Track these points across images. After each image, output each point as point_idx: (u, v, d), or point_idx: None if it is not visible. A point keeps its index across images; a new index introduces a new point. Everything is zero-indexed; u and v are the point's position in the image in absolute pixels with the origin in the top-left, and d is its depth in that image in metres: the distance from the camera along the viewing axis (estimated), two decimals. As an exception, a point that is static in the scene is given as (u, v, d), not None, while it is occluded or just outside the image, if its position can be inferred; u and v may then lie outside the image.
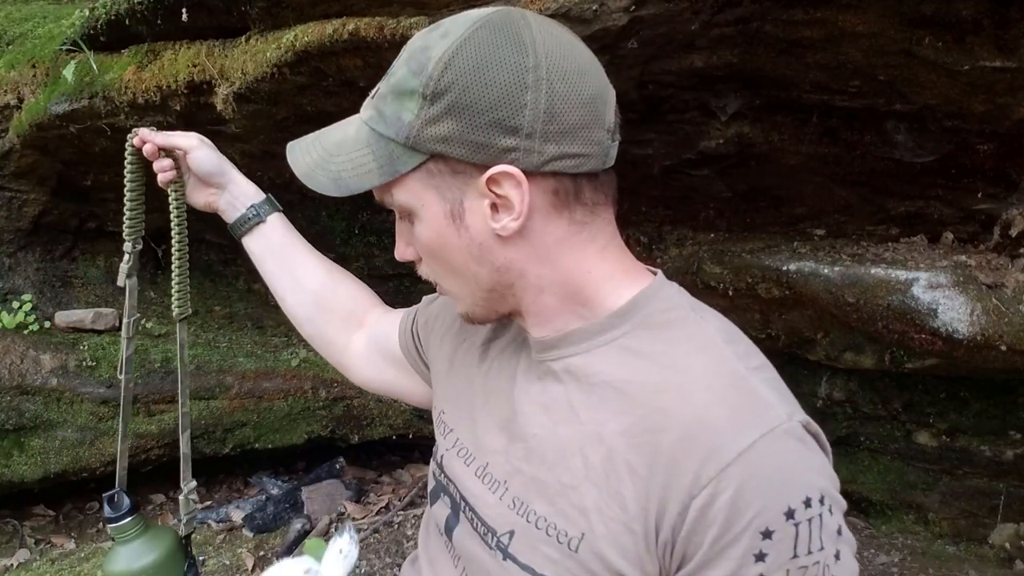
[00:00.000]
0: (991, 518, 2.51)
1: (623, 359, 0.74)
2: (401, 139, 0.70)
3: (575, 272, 0.76)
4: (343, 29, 1.51)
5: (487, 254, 0.74)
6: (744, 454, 0.64)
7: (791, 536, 0.63)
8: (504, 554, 0.76)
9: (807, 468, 0.66)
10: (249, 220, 1.17)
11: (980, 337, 1.72)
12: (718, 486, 0.64)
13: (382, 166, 0.72)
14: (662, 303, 0.76)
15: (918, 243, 1.92)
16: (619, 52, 1.44)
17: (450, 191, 0.72)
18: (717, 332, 0.74)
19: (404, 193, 0.74)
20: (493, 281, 0.76)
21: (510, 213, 0.71)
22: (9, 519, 2.70)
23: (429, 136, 0.69)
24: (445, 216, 0.73)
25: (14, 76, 2.47)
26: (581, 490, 0.72)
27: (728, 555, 0.64)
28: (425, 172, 0.71)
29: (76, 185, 2.75)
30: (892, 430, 2.53)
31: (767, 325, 2.22)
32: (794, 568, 0.63)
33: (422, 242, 0.77)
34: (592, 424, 0.73)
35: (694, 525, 0.65)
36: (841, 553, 0.65)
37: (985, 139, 1.61)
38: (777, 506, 0.63)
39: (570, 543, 0.71)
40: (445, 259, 0.76)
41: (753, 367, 0.72)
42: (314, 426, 2.80)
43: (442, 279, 0.80)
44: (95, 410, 2.59)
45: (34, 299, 2.79)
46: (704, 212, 2.11)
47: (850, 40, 1.39)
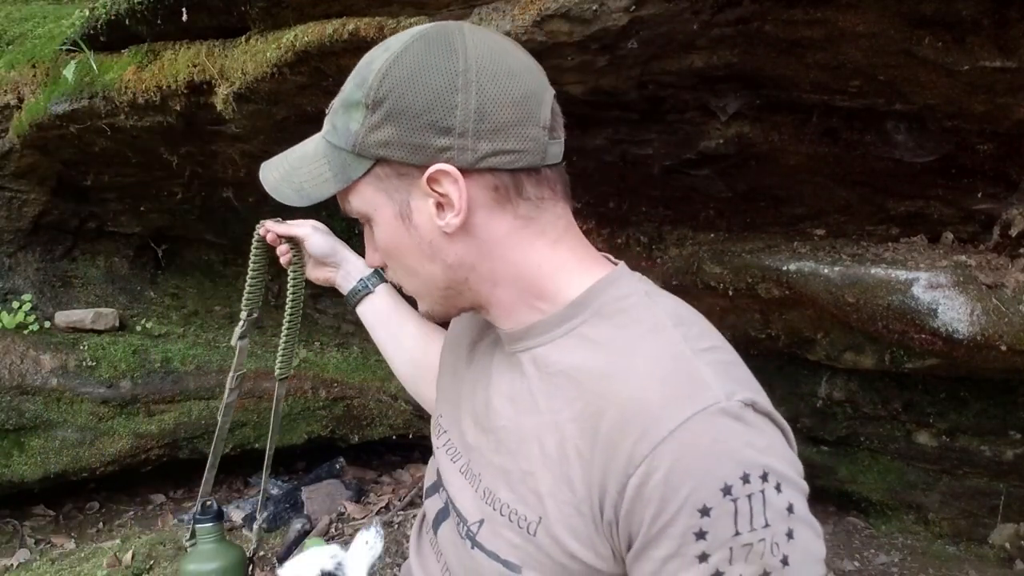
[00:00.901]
0: (991, 518, 2.51)
1: (579, 348, 0.76)
2: (349, 147, 0.76)
3: (525, 265, 0.79)
4: (343, 29, 1.51)
5: (438, 252, 0.78)
6: (675, 432, 0.65)
7: (730, 512, 0.63)
8: (472, 542, 0.80)
9: (744, 445, 0.65)
10: (359, 292, 1.27)
11: (980, 337, 1.72)
12: (651, 464, 0.65)
13: (336, 175, 0.78)
14: (617, 291, 0.78)
15: (918, 243, 1.92)
16: (619, 52, 1.44)
17: (397, 193, 0.77)
18: (667, 315, 0.76)
19: (358, 199, 0.79)
20: (447, 278, 0.80)
21: (452, 210, 0.75)
22: (9, 519, 2.70)
23: (372, 142, 0.74)
24: (395, 217, 0.78)
25: (14, 76, 2.48)
26: (537, 476, 0.74)
27: (668, 533, 0.64)
28: (374, 177, 0.77)
29: (76, 185, 2.75)
30: (892, 430, 2.53)
31: (767, 325, 2.22)
32: (737, 546, 0.63)
33: (381, 245, 0.82)
34: (549, 413, 0.75)
35: (632, 504, 0.66)
36: (795, 532, 0.64)
37: (985, 139, 1.61)
38: (712, 482, 0.63)
39: (529, 527, 0.74)
40: (402, 259, 0.81)
41: (701, 348, 0.72)
42: (314, 426, 2.80)
43: (403, 280, 0.85)
44: (95, 410, 2.59)
45: (34, 299, 2.79)
46: (704, 212, 2.11)
47: (850, 40, 1.38)
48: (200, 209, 2.86)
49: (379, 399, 2.82)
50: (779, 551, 0.63)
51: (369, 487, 2.98)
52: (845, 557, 2.56)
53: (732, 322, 2.27)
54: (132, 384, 2.62)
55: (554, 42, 1.41)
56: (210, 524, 1.18)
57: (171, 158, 2.42)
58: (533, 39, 1.40)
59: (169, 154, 2.40)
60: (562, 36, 1.39)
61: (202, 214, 2.89)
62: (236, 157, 2.34)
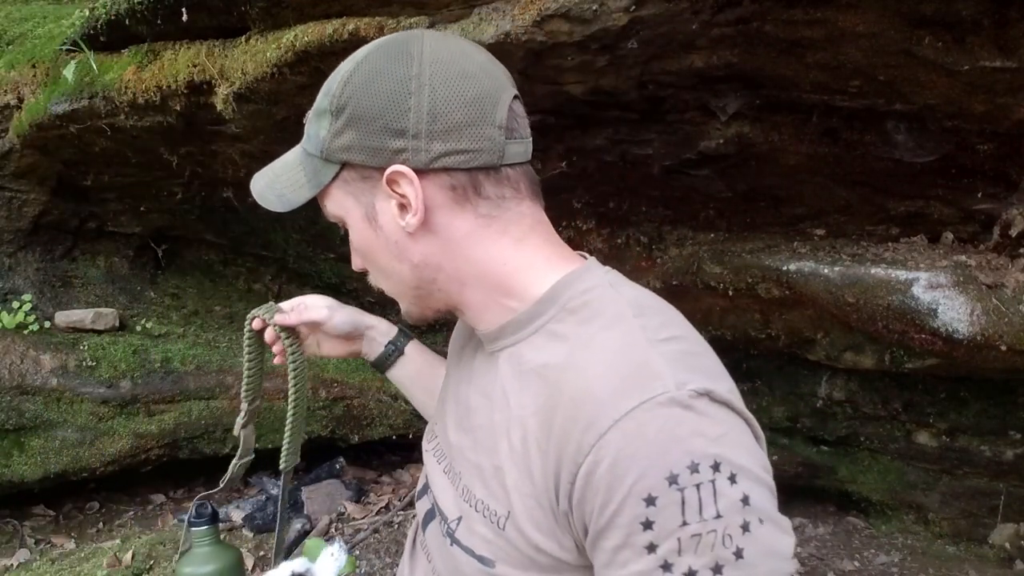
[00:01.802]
0: (991, 518, 2.52)
1: (547, 344, 0.77)
2: (319, 153, 0.80)
3: (490, 264, 0.80)
4: (343, 29, 1.52)
5: (404, 252, 0.80)
6: (621, 421, 0.64)
7: (676, 502, 0.61)
8: (451, 539, 0.81)
9: (693, 434, 0.64)
10: (390, 356, 1.24)
11: (980, 337, 1.72)
12: (598, 454, 0.65)
13: (310, 180, 0.82)
14: (582, 284, 0.79)
15: (918, 243, 1.92)
16: (619, 52, 1.44)
17: (363, 195, 0.80)
18: (628, 305, 0.75)
19: (331, 203, 0.83)
20: (416, 278, 0.82)
21: (410, 210, 0.77)
22: (9, 519, 2.70)
23: (336, 147, 0.78)
24: (363, 219, 0.81)
25: (14, 76, 2.47)
26: (505, 471, 0.75)
27: (616, 523, 0.64)
28: (342, 181, 0.80)
29: (76, 185, 2.75)
30: (892, 430, 2.53)
31: (767, 325, 2.23)
32: (685, 536, 0.61)
33: (356, 247, 0.85)
34: (517, 409, 0.76)
35: (582, 493, 0.66)
36: (752, 526, 0.62)
37: (985, 139, 1.61)
38: (657, 471, 0.62)
39: (498, 522, 0.75)
40: (375, 261, 0.84)
41: (660, 338, 0.71)
42: (314, 426, 2.80)
43: (380, 281, 0.87)
44: (95, 410, 2.59)
45: (34, 299, 2.79)
46: (704, 212, 2.11)
47: (850, 40, 1.38)
48: (200, 209, 2.86)
49: (379, 399, 2.82)
50: (732, 543, 0.62)
51: (369, 487, 2.98)
52: (845, 557, 2.56)
53: (732, 322, 2.27)
54: (132, 384, 2.62)
55: (554, 42, 1.41)
56: (206, 527, 1.17)
57: (171, 158, 2.42)
58: (533, 39, 1.40)
59: (169, 154, 2.40)
60: (562, 36, 1.39)
61: (202, 214, 2.89)
62: (236, 157, 2.34)
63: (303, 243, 2.89)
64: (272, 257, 3.11)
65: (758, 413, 2.74)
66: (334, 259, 2.91)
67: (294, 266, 3.08)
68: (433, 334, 2.74)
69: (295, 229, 2.83)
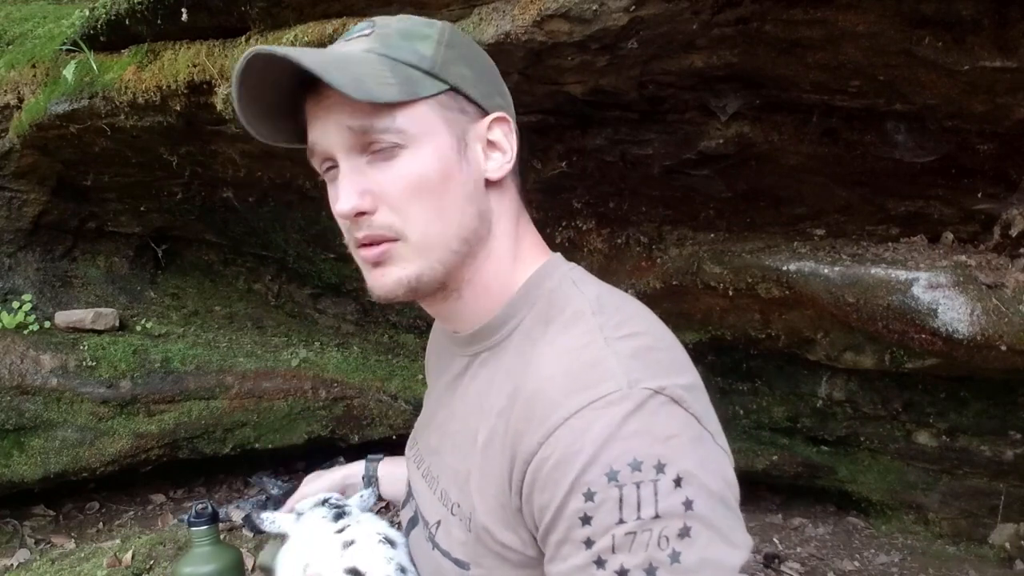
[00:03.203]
0: (991, 518, 2.51)
1: (518, 346, 0.78)
2: (425, 67, 0.74)
3: (514, 237, 0.82)
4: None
5: (477, 194, 0.78)
6: (569, 419, 0.64)
7: (614, 498, 0.61)
8: (432, 544, 0.82)
9: (639, 432, 0.63)
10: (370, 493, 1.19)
11: (980, 337, 1.72)
12: (546, 451, 0.65)
13: (401, 84, 0.72)
14: (549, 282, 0.80)
15: (918, 243, 1.92)
16: (619, 52, 1.44)
17: (457, 125, 0.76)
18: (588, 303, 0.75)
19: (411, 119, 0.73)
20: (472, 229, 0.77)
21: (503, 155, 0.79)
22: (9, 519, 2.70)
23: (452, 71, 0.76)
24: (451, 148, 0.75)
25: (14, 76, 2.47)
26: (472, 471, 0.76)
27: (560, 517, 0.64)
28: (439, 102, 0.75)
29: (76, 185, 2.75)
30: (892, 430, 2.53)
31: (767, 325, 2.22)
32: (620, 533, 0.61)
33: (413, 174, 0.73)
34: (488, 410, 0.77)
35: (531, 488, 0.67)
36: (694, 531, 0.61)
37: (985, 139, 1.61)
38: (598, 467, 0.62)
39: (467, 522, 0.75)
40: (438, 193, 0.74)
41: (618, 336, 0.71)
42: (314, 426, 2.80)
43: (415, 224, 0.74)
44: (95, 410, 2.59)
45: (34, 299, 2.79)
46: (704, 212, 2.10)
47: (850, 40, 1.39)
48: (200, 209, 2.86)
49: (379, 399, 2.82)
50: (668, 545, 0.60)
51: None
52: (845, 557, 2.56)
53: (732, 322, 2.27)
54: (132, 384, 2.62)
55: (554, 42, 1.41)
56: (205, 527, 1.18)
57: (171, 158, 2.42)
58: (533, 39, 1.40)
59: (169, 154, 2.40)
60: (562, 36, 1.39)
61: (202, 214, 2.89)
62: (236, 157, 2.34)
63: (303, 243, 2.89)
64: (272, 257, 3.11)
65: (758, 413, 2.73)
66: (334, 259, 2.91)
67: (294, 266, 3.08)
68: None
69: (295, 229, 2.83)
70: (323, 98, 0.73)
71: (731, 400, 2.65)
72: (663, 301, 2.19)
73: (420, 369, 2.89)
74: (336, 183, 0.76)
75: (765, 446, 2.66)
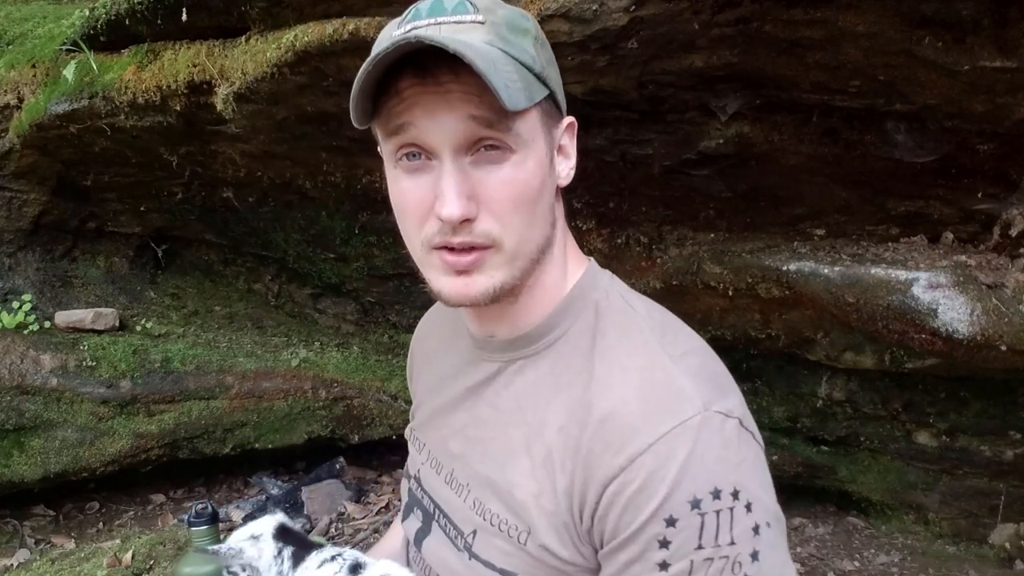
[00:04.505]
0: (991, 518, 2.51)
1: (564, 357, 0.76)
2: (536, 69, 0.70)
3: (563, 241, 0.80)
4: (343, 29, 1.51)
5: (553, 203, 0.76)
6: (654, 445, 0.65)
7: (695, 526, 0.63)
8: (469, 553, 0.80)
9: (719, 460, 0.66)
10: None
11: (980, 337, 1.72)
12: (629, 475, 0.66)
13: (526, 89, 0.67)
14: (596, 292, 0.79)
15: (918, 243, 1.91)
16: (619, 52, 1.44)
17: (550, 132, 0.74)
18: (644, 320, 0.76)
19: (525, 125, 0.68)
20: (548, 237, 0.75)
21: (568, 161, 0.77)
22: (9, 519, 2.70)
23: (551, 75, 0.73)
24: (546, 156, 0.72)
25: (14, 76, 2.47)
26: (525, 487, 0.75)
27: (636, 539, 0.65)
28: (542, 109, 0.71)
29: (76, 185, 2.75)
30: (892, 430, 2.53)
31: (767, 325, 2.22)
32: (699, 559, 0.63)
33: (519, 182, 0.69)
34: (536, 424, 0.75)
35: (607, 510, 0.67)
36: (761, 555, 0.64)
37: (985, 139, 1.61)
38: (682, 495, 0.64)
39: (519, 537, 0.74)
40: (533, 203, 0.71)
41: (679, 354, 0.72)
42: (314, 426, 2.80)
43: (513, 232, 0.70)
44: (95, 410, 2.59)
45: (34, 299, 2.79)
46: (704, 212, 2.10)
47: (850, 40, 1.38)
48: (200, 209, 2.86)
49: (379, 399, 2.82)
50: (740, 570, 0.63)
51: (369, 487, 2.98)
52: (845, 557, 2.56)
53: (732, 322, 2.26)
54: (132, 384, 2.62)
55: (554, 42, 1.40)
56: (205, 527, 1.17)
57: (171, 158, 2.42)
58: (533, 39, 1.40)
59: (169, 154, 2.40)
60: (562, 36, 1.39)
61: (202, 214, 2.89)
62: (236, 157, 2.34)
63: (303, 243, 2.89)
64: (272, 257, 3.11)
65: (758, 413, 2.74)
66: (334, 259, 2.91)
67: (294, 266, 3.08)
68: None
69: (295, 229, 2.83)
70: (443, 90, 0.65)
71: (731, 400, 2.64)
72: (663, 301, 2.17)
73: (420, 369, 2.89)
74: (418, 175, 0.70)
75: (765, 446, 2.65)
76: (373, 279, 2.90)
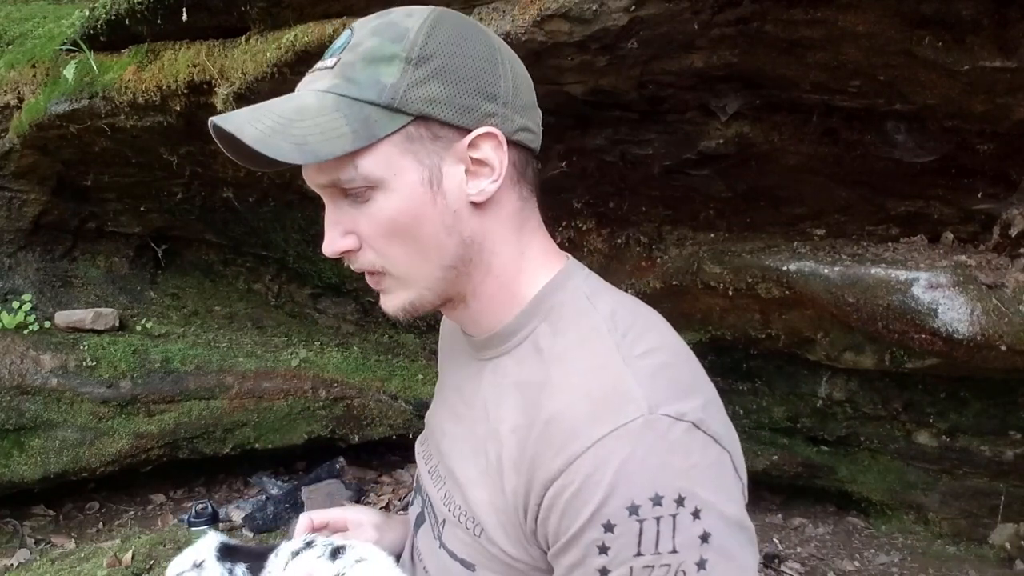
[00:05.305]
0: (991, 518, 2.52)
1: (528, 358, 0.76)
2: (384, 101, 0.69)
3: (514, 250, 0.78)
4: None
5: (458, 223, 0.73)
6: (592, 447, 0.64)
7: (634, 532, 0.62)
8: (440, 542, 0.82)
9: (661, 465, 0.63)
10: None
11: (980, 337, 1.72)
12: (567, 478, 0.65)
13: (356, 130, 0.68)
14: (562, 294, 0.78)
15: (918, 243, 1.92)
16: (619, 52, 1.44)
17: (428, 157, 0.71)
18: (603, 320, 0.74)
19: (373, 162, 0.70)
20: (457, 256, 0.74)
21: (489, 176, 0.73)
22: (9, 519, 2.70)
23: (417, 97, 0.69)
24: (422, 183, 0.71)
25: (14, 76, 2.47)
26: (481, 485, 0.76)
27: (576, 543, 0.65)
28: (404, 137, 0.70)
29: (76, 185, 2.75)
30: (892, 430, 2.53)
31: (767, 325, 2.22)
32: (638, 566, 0.62)
33: (384, 217, 0.72)
34: (495, 423, 0.76)
35: (547, 513, 0.67)
36: (709, 564, 0.62)
37: (985, 139, 1.61)
38: (619, 500, 0.62)
39: (475, 531, 0.76)
40: (412, 234, 0.72)
41: (635, 355, 0.70)
42: (314, 426, 2.80)
43: (395, 263, 0.74)
44: (95, 410, 2.59)
45: (34, 299, 2.79)
46: (704, 212, 2.11)
47: (850, 40, 1.39)
48: (200, 209, 2.86)
49: (379, 399, 2.82)
50: None
51: (369, 487, 2.98)
52: (845, 557, 2.56)
53: (732, 322, 2.27)
54: (132, 384, 2.62)
55: (554, 42, 1.41)
56: (205, 527, 1.16)
57: (171, 158, 2.42)
58: (533, 39, 1.40)
59: (169, 154, 2.40)
60: (562, 36, 1.39)
61: (202, 214, 2.89)
62: (236, 157, 2.33)
63: (303, 243, 2.89)
64: (272, 257, 3.11)
65: (758, 413, 2.72)
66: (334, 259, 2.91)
67: (294, 266, 3.08)
68: (434, 333, 2.74)
69: (295, 229, 2.83)
70: None
71: (731, 400, 2.65)
72: (663, 301, 2.19)
73: (420, 369, 2.89)
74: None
75: (765, 446, 2.66)
76: (373, 279, 2.90)
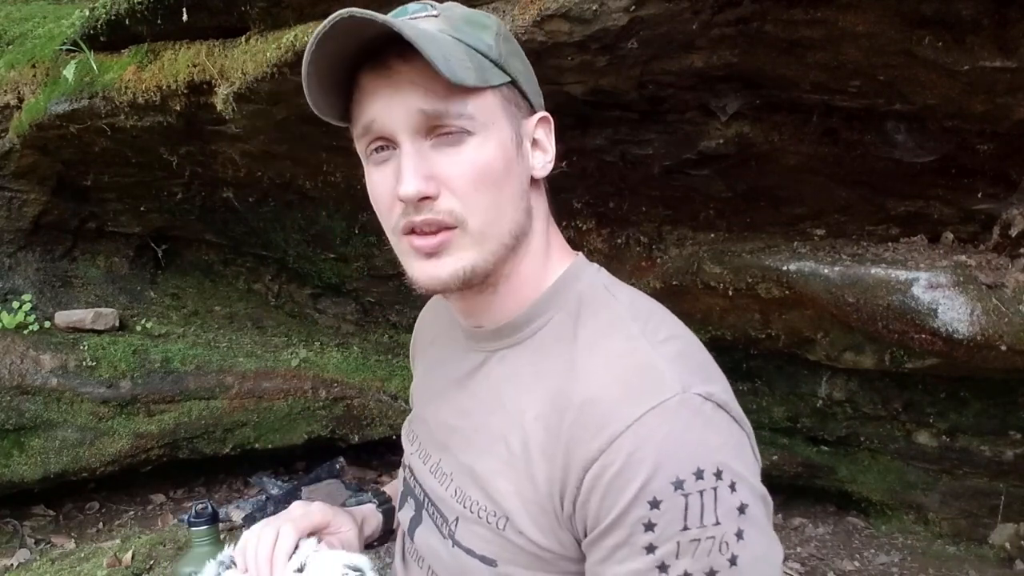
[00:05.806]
0: (991, 518, 2.52)
1: (545, 346, 0.77)
2: (492, 56, 0.74)
3: (545, 238, 0.82)
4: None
5: (526, 191, 0.78)
6: (632, 426, 0.65)
7: (679, 507, 0.63)
8: (452, 541, 0.81)
9: (699, 440, 0.65)
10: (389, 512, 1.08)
11: (980, 337, 1.72)
12: (608, 458, 0.66)
13: (477, 70, 0.71)
14: (580, 284, 0.80)
15: (918, 243, 1.92)
16: (619, 52, 1.44)
17: (514, 119, 0.77)
18: (625, 309, 0.76)
19: (482, 106, 0.72)
20: (519, 225, 0.77)
21: (545, 155, 0.80)
22: (9, 519, 2.70)
23: (512, 64, 0.76)
24: (511, 141, 0.75)
25: (14, 76, 2.48)
26: (504, 475, 0.75)
27: (620, 523, 0.65)
28: (502, 94, 0.75)
29: (76, 185, 2.75)
30: (892, 430, 2.53)
31: (767, 325, 2.22)
32: (685, 540, 0.63)
33: (481, 162, 0.72)
34: (516, 413, 0.76)
35: (588, 495, 0.67)
36: (746, 534, 0.64)
37: (985, 139, 1.61)
38: (664, 476, 0.63)
39: (497, 524, 0.75)
40: (499, 185, 0.73)
41: (659, 340, 0.72)
42: (314, 426, 2.80)
43: (476, 211, 0.72)
44: (95, 410, 2.59)
45: (34, 299, 2.79)
46: (704, 212, 2.10)
47: (850, 40, 1.39)
48: (200, 209, 2.86)
49: (379, 399, 2.82)
50: (728, 550, 0.63)
51: (369, 487, 2.98)
52: (845, 557, 2.56)
53: (732, 322, 2.27)
54: (132, 384, 2.62)
55: (554, 42, 1.41)
56: (205, 527, 1.17)
57: (171, 158, 2.42)
58: (533, 39, 1.40)
59: (169, 154, 2.40)
60: (562, 36, 1.39)
61: (202, 214, 2.89)
62: (236, 157, 2.34)
63: (303, 243, 2.89)
64: (272, 257, 3.11)
65: (758, 413, 2.72)
66: (334, 259, 2.91)
67: (294, 266, 3.08)
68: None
69: (295, 229, 2.83)
70: (392, 74, 0.70)
71: (731, 400, 2.65)
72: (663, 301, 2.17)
73: (420, 369, 2.89)
74: (385, 165, 0.74)
75: (765, 446, 2.66)
76: (373, 279, 2.90)
